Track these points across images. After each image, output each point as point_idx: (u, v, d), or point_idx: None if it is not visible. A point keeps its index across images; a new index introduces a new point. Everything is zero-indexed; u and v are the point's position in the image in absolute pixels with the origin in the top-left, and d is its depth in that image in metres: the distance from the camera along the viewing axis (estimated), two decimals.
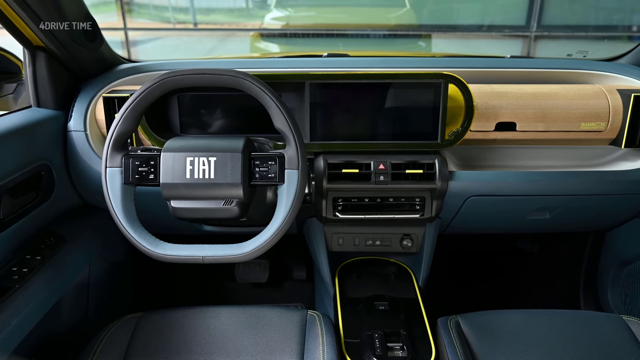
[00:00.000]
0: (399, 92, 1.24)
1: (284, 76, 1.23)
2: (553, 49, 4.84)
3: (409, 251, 1.43)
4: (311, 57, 1.54)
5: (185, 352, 1.11)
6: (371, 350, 1.12)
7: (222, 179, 1.00)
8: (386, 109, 1.25)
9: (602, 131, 1.31)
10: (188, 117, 1.33)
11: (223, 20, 7.42)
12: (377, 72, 1.22)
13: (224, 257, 1.00)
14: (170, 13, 7.56)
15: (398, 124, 1.26)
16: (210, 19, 7.49)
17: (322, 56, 1.54)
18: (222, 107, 1.32)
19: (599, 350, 1.12)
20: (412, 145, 1.26)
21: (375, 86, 1.23)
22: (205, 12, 7.53)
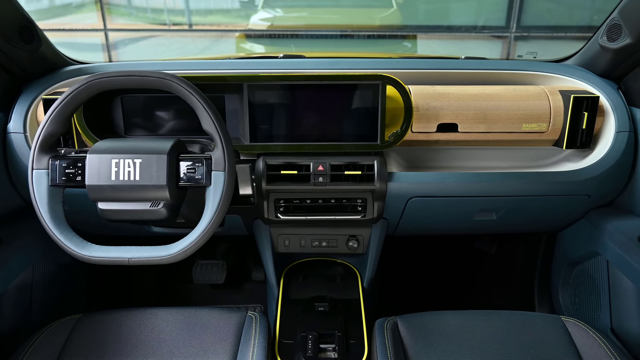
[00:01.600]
0: (339, 94, 1.24)
1: (222, 78, 1.23)
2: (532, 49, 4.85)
3: (355, 252, 1.43)
4: (267, 58, 1.55)
5: (118, 354, 1.11)
6: (302, 352, 1.12)
7: (148, 181, 1.00)
8: (326, 111, 1.25)
9: (543, 132, 1.31)
10: (133, 119, 1.33)
11: (219, 21, 7.44)
12: (314, 74, 1.22)
13: (149, 258, 1.00)
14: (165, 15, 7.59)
15: (338, 126, 1.26)
16: (207, 20, 7.50)
17: (278, 57, 1.54)
18: (167, 109, 1.32)
19: (532, 351, 1.13)
20: (352, 147, 1.26)
21: (315, 87, 1.23)
22: (203, 14, 7.56)
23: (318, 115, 1.25)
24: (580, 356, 1.11)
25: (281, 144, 1.26)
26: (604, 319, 1.38)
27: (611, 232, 1.29)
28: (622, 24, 1.19)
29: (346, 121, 1.26)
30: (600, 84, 1.33)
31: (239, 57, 1.57)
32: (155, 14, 7.62)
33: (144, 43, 7.17)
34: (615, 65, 1.30)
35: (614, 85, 1.34)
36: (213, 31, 6.93)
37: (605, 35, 1.26)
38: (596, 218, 1.37)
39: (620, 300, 1.32)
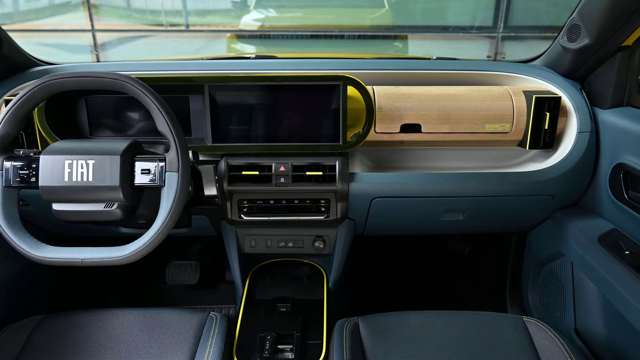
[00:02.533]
0: (301, 95, 1.24)
1: (184, 78, 1.23)
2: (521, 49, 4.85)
3: (322, 253, 1.43)
4: (239, 58, 1.55)
5: (77, 355, 1.12)
6: (259, 352, 1.12)
7: (100, 182, 1.00)
8: (289, 112, 1.25)
9: (507, 132, 1.31)
10: (97, 120, 1.33)
11: (217, 21, 7.45)
12: (274, 75, 1.22)
13: (102, 259, 1.00)
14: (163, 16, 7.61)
15: (301, 126, 1.26)
16: (204, 20, 7.52)
17: (250, 58, 1.54)
18: (132, 110, 1.32)
19: (491, 352, 1.13)
20: (315, 147, 1.26)
21: (277, 88, 1.23)
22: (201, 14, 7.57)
23: (280, 116, 1.26)
24: (538, 356, 1.11)
25: (243, 145, 1.26)
26: (569, 319, 1.38)
27: (574, 232, 1.29)
28: (581, 24, 1.19)
29: (309, 122, 1.26)
30: (564, 84, 1.33)
31: (211, 58, 1.58)
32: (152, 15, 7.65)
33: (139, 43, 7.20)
34: (576, 65, 1.30)
35: (577, 86, 1.34)
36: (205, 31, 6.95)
37: (566, 36, 1.26)
38: (560, 218, 1.37)
39: (583, 300, 1.32)
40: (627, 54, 1.20)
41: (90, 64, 1.42)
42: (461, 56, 1.59)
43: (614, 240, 1.19)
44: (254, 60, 1.50)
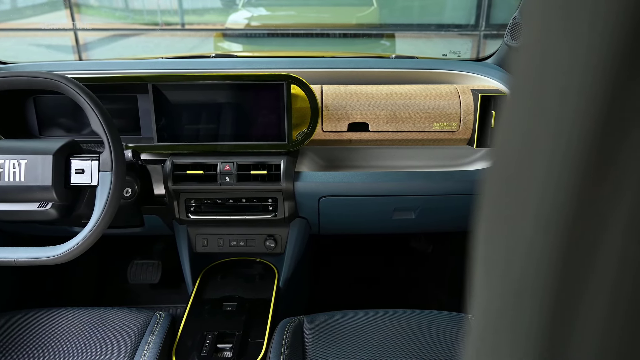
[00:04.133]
0: (247, 94, 1.24)
1: (125, 78, 1.23)
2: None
3: (273, 252, 1.43)
4: (199, 57, 1.55)
5: (16, 355, 1.11)
6: (197, 351, 1.12)
7: (33, 182, 1.01)
8: (235, 111, 1.25)
9: (455, 131, 1.31)
10: (46, 120, 1.33)
11: (215, 20, 7.45)
12: (216, 74, 1.22)
13: (36, 259, 1.00)
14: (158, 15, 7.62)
15: (248, 126, 1.26)
16: (202, 19, 7.52)
17: (210, 57, 1.54)
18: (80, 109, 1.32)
19: (433, 349, 1.12)
20: (261, 147, 1.26)
21: (223, 87, 1.23)
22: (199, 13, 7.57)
23: (227, 116, 1.26)
24: None
25: (189, 144, 1.26)
26: None
27: None
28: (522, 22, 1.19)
29: (255, 121, 1.26)
30: None
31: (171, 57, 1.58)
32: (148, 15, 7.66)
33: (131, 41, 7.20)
34: None
35: None
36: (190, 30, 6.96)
37: (510, 34, 1.26)
38: None
39: None
40: None
41: (39, 64, 1.42)
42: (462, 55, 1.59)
43: None
44: (213, 59, 1.50)
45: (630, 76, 0.17)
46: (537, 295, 0.20)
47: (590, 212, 0.18)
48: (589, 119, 0.18)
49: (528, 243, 0.21)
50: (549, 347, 0.20)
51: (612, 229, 0.17)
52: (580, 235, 0.18)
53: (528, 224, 0.21)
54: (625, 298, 0.17)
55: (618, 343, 0.18)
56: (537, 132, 0.20)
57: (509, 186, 0.23)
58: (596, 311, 0.18)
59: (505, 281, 0.23)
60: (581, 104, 0.18)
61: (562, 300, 0.19)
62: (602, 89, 0.17)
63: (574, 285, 0.19)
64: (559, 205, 0.19)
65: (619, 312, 0.17)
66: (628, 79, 0.17)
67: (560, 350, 0.19)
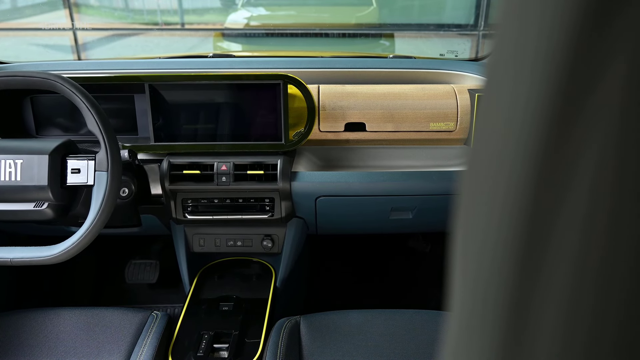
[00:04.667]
0: (244, 94, 1.24)
1: (122, 78, 1.23)
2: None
3: (271, 252, 1.43)
4: (197, 57, 1.55)
5: (12, 355, 1.11)
6: (194, 351, 1.12)
7: (29, 182, 1.00)
8: (232, 110, 1.25)
9: (452, 131, 1.31)
10: (43, 119, 1.33)
11: (214, 19, 7.45)
12: (214, 74, 1.22)
13: (32, 259, 1.00)
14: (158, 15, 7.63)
15: (244, 125, 1.26)
16: (202, 19, 7.52)
17: (208, 57, 1.54)
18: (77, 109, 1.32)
19: (429, 349, 1.12)
20: (257, 147, 1.26)
21: (220, 87, 1.23)
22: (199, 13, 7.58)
23: (223, 115, 1.26)
24: None
25: (185, 144, 1.26)
26: None
27: None
28: None
29: (252, 121, 1.26)
30: None
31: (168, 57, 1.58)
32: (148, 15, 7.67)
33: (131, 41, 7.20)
34: None
35: None
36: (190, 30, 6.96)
37: None
38: None
39: None
40: None
41: (35, 64, 1.42)
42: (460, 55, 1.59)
43: None
44: (210, 59, 1.50)
45: (594, 27, 0.16)
46: (497, 289, 0.20)
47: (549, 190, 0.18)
48: (554, 74, 0.17)
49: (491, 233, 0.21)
50: (509, 341, 0.20)
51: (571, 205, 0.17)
52: (536, 223, 0.18)
53: (494, 202, 0.21)
54: (585, 301, 0.17)
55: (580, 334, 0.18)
56: (500, 100, 0.20)
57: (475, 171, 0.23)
58: (553, 306, 0.18)
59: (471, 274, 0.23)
60: (547, 57, 0.17)
61: (519, 294, 0.19)
62: (568, 39, 0.16)
63: (531, 280, 0.19)
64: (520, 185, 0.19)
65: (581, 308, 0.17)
66: (591, 30, 0.16)
67: (519, 344, 0.20)
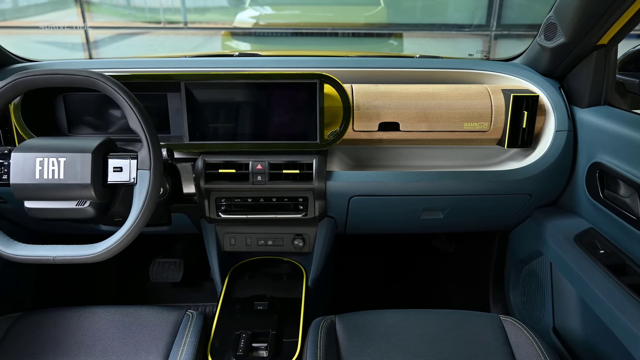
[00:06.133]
0: (279, 93, 1.24)
1: (159, 76, 1.23)
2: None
3: (301, 251, 1.43)
4: (222, 56, 1.55)
5: (52, 353, 1.11)
6: (233, 350, 1.12)
7: (72, 180, 1.00)
8: (267, 109, 1.25)
9: (485, 131, 1.31)
10: (75, 117, 1.33)
11: (217, 18, 7.44)
12: (250, 73, 1.22)
13: (74, 257, 1.00)
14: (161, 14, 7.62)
15: (279, 124, 1.26)
16: (204, 17, 7.52)
17: (234, 56, 1.54)
18: (110, 107, 1.32)
19: (466, 350, 1.12)
20: (292, 146, 1.26)
21: (254, 86, 1.23)
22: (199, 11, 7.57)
23: (258, 114, 1.25)
24: (513, 355, 1.11)
25: (220, 143, 1.26)
26: (547, 319, 1.38)
27: (552, 231, 1.29)
28: (557, 23, 1.19)
29: (286, 120, 1.26)
30: (543, 83, 1.33)
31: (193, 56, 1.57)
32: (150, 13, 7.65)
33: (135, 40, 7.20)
34: (554, 64, 1.30)
35: (556, 85, 1.34)
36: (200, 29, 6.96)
37: (543, 34, 1.26)
38: (540, 217, 1.37)
39: (561, 300, 1.32)
40: (603, 53, 1.20)
41: (67, 62, 1.41)
42: (461, 54, 1.59)
43: (590, 239, 1.19)
44: (237, 58, 1.50)
45: None
46: None
47: None
48: None
49: None
50: None
51: None
52: None
53: None
54: None
55: None
56: None
57: None
58: None
59: None
60: None
61: None
62: None
63: None
64: None
65: None
66: None
67: None
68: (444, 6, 5.97)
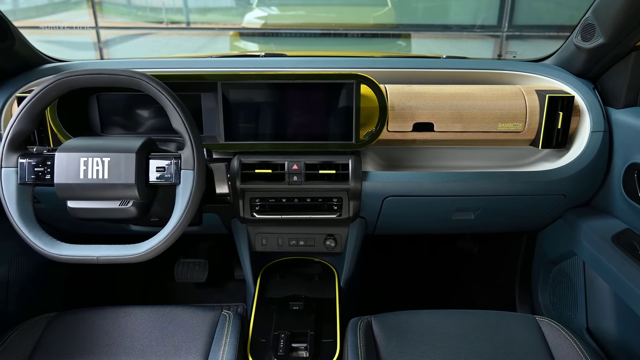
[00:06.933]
0: (314, 93, 1.24)
1: (196, 76, 1.23)
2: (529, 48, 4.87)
3: (333, 251, 1.43)
4: (249, 56, 1.55)
5: (90, 353, 1.11)
6: (274, 351, 1.12)
7: (116, 180, 1.00)
8: (302, 110, 1.25)
9: (520, 132, 1.31)
10: (109, 117, 1.32)
11: (218, 19, 7.44)
12: (288, 73, 1.22)
13: (118, 257, 1.00)
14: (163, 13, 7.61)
15: (314, 124, 1.26)
16: (205, 18, 7.52)
17: (260, 56, 1.54)
18: (143, 107, 1.32)
19: (504, 351, 1.13)
20: (327, 146, 1.26)
21: (290, 86, 1.23)
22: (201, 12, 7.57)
23: (293, 114, 1.25)
24: (552, 356, 1.11)
25: (255, 143, 1.26)
26: (580, 319, 1.38)
27: (587, 232, 1.29)
28: (596, 24, 1.19)
29: (321, 120, 1.26)
30: (576, 83, 1.33)
31: (219, 56, 1.57)
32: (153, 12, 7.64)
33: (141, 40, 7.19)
34: (590, 65, 1.30)
35: (590, 85, 1.34)
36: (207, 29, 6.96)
37: (580, 35, 1.26)
38: (573, 218, 1.37)
39: (595, 300, 1.32)
40: None
41: (101, 62, 1.42)
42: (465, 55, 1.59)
43: (628, 239, 1.19)
44: (263, 58, 1.50)
45: None
46: None
47: None
48: None
49: None
50: None
51: None
52: None
53: None
54: None
55: None
56: None
57: None
58: None
59: None
60: None
61: None
62: None
63: None
64: None
65: None
66: None
67: None
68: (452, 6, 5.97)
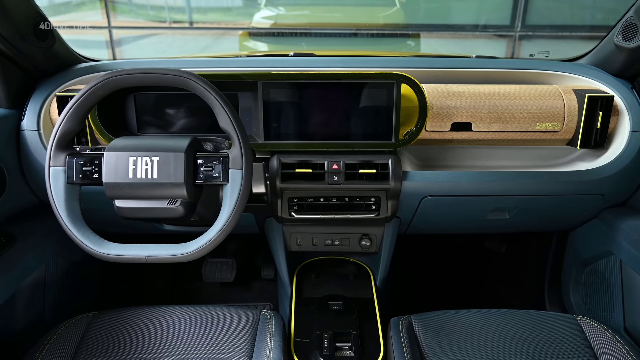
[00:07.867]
0: (354, 92, 1.24)
1: (236, 76, 1.23)
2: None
3: (368, 251, 1.43)
4: (277, 56, 1.54)
5: (134, 352, 1.11)
6: (319, 350, 1.12)
7: (165, 179, 1.00)
8: (341, 109, 1.25)
9: (557, 131, 1.31)
10: (145, 117, 1.32)
11: (220, 19, 7.44)
12: (329, 72, 1.22)
13: (167, 257, 1.00)
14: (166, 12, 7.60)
15: (353, 124, 1.26)
16: (207, 17, 7.51)
17: (289, 55, 1.54)
18: (180, 107, 1.32)
19: (549, 351, 1.12)
20: (366, 145, 1.26)
21: (330, 86, 1.23)
22: (203, 11, 7.56)
23: (332, 114, 1.25)
24: (595, 355, 1.11)
25: (295, 142, 1.25)
26: (617, 318, 1.38)
27: (626, 231, 1.29)
28: (638, 23, 1.19)
29: (360, 119, 1.25)
30: (615, 83, 1.33)
31: (250, 55, 1.57)
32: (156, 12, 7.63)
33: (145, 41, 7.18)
34: (629, 64, 1.30)
35: (628, 85, 1.34)
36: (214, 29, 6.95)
37: (621, 35, 1.26)
38: (610, 217, 1.37)
39: (633, 299, 1.32)
40: None
41: (134, 61, 1.41)
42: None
43: None
44: (293, 57, 1.49)
45: None
46: None
47: None
48: None
49: None
50: None
51: None
52: None
53: None
54: None
55: None
56: None
57: None
58: None
59: None
60: None
61: None
62: None
63: None
64: None
65: None
66: None
67: None
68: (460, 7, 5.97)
